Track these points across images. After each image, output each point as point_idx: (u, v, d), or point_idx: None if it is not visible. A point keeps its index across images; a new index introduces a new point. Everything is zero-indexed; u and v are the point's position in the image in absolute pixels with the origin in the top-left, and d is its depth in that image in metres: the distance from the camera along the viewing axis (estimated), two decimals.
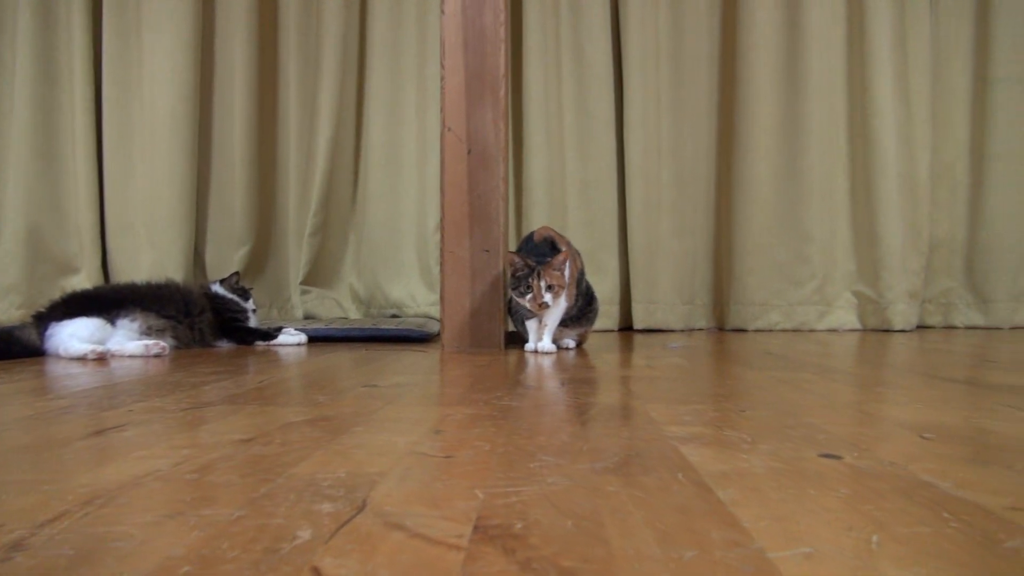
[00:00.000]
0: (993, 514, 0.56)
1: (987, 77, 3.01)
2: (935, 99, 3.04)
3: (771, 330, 2.99)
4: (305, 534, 0.52)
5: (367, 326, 2.56)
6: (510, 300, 2.16)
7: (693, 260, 3.09)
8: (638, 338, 2.65)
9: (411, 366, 1.68)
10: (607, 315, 3.04)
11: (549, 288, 1.93)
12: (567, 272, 2.00)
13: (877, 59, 2.94)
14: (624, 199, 3.05)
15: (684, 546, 0.50)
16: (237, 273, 2.45)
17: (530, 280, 1.92)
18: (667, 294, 3.02)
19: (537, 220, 2.99)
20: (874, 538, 0.51)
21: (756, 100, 2.99)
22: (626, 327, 3.09)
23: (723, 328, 3.08)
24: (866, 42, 2.96)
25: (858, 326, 3.02)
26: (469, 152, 2.17)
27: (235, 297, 2.35)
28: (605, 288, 3.03)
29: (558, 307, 2.01)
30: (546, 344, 2.01)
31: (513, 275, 1.98)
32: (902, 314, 2.91)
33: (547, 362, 1.76)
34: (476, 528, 0.54)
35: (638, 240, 3.00)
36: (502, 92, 2.18)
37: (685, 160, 3.07)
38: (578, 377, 1.46)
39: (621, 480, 0.67)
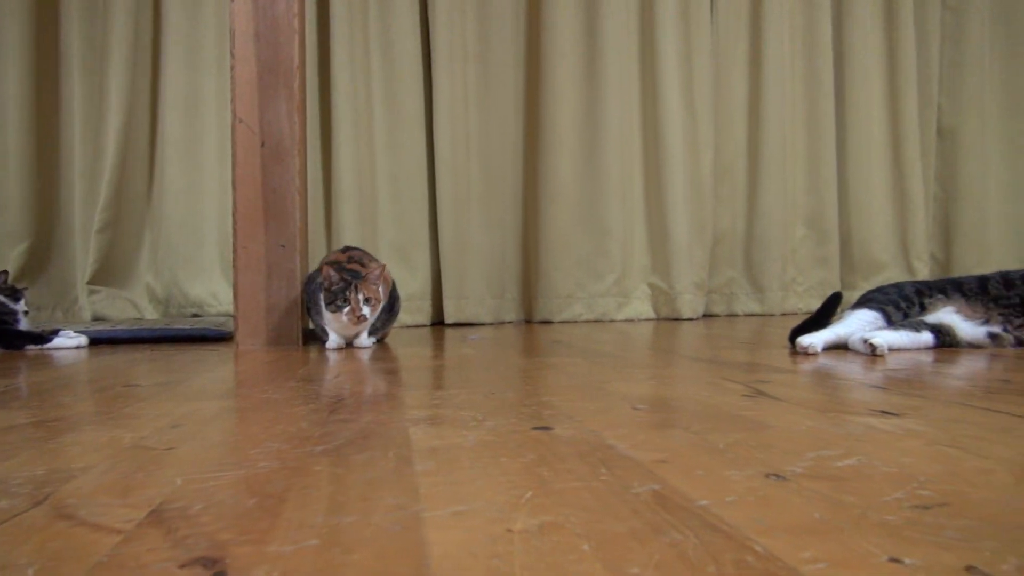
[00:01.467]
0: (642, 467, 0.64)
1: (760, 88, 3.33)
2: (717, 105, 3.33)
3: (575, 321, 3.15)
4: None
5: (159, 326, 2.43)
6: (308, 297, 2.14)
7: (502, 254, 3.19)
8: (444, 332, 2.70)
9: (191, 365, 1.62)
10: (419, 310, 3.07)
11: (367, 301, 1.93)
12: (382, 289, 2.02)
13: (665, 68, 3.17)
14: (434, 194, 3.10)
15: (350, 513, 0.53)
16: (5, 272, 2.24)
17: (347, 293, 1.91)
18: (477, 288, 3.10)
19: (347, 214, 2.96)
20: (528, 494, 0.57)
21: (559, 101, 3.13)
22: (438, 322, 3.13)
23: (531, 320, 3.21)
24: (656, 52, 3.19)
25: (653, 316, 3.25)
26: (263, 145, 2.12)
27: (1, 298, 2.15)
28: (416, 283, 3.06)
29: (374, 317, 2.02)
30: (364, 340, 2.03)
31: (328, 289, 1.94)
32: (690, 304, 3.17)
33: (337, 357, 1.76)
34: (152, 512, 0.54)
35: (448, 235, 3.06)
36: (297, 84, 2.15)
37: (493, 157, 3.16)
38: (359, 370, 1.48)
39: (332, 460, 0.69)
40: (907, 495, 0.54)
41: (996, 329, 1.56)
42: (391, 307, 2.19)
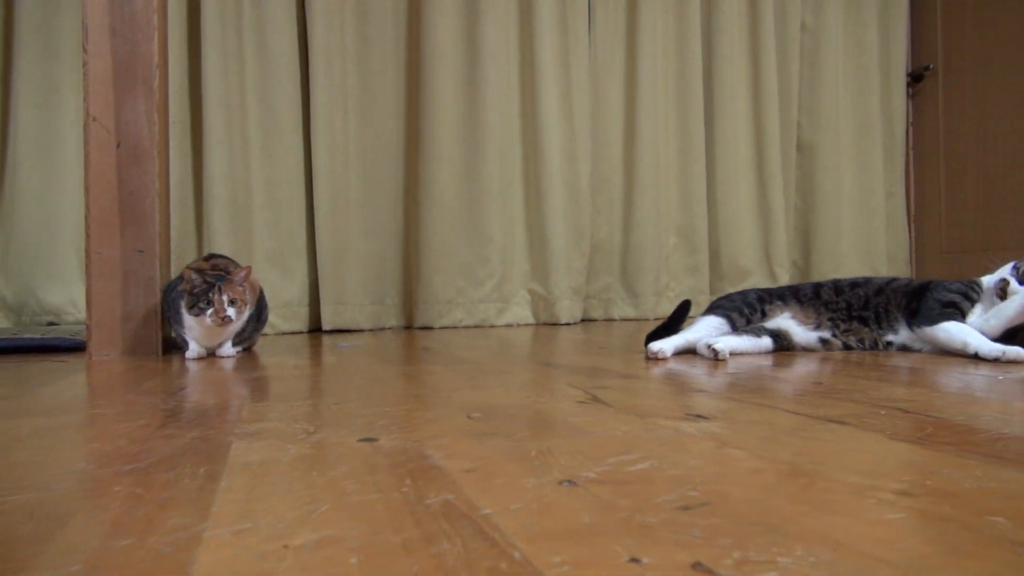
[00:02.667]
0: (447, 477, 0.66)
1: (635, 104, 3.46)
2: (595, 119, 3.43)
3: (456, 327, 3.17)
4: None
5: (5, 336, 2.28)
6: (168, 305, 2.06)
7: (383, 260, 3.17)
8: (321, 339, 2.66)
9: (32, 378, 1.53)
10: (295, 317, 3.01)
11: (232, 303, 1.88)
12: (248, 293, 1.97)
13: (544, 80, 3.25)
14: (312, 199, 3.04)
15: (128, 536, 0.52)
16: None
17: (210, 295, 1.85)
18: (356, 294, 3.07)
19: (219, 220, 2.87)
20: (322, 508, 0.57)
21: (440, 108, 3.14)
22: (315, 328, 3.08)
23: (412, 326, 3.20)
24: (536, 64, 3.26)
25: (532, 321, 3.31)
26: (119, 145, 2.03)
27: None
28: (293, 290, 3.00)
29: (240, 321, 1.97)
30: (227, 349, 1.98)
31: (190, 292, 1.87)
32: (567, 309, 3.25)
33: (195, 367, 1.71)
34: None
35: (326, 241, 3.01)
36: (157, 83, 2.06)
37: (374, 162, 3.14)
38: (210, 381, 1.43)
39: (135, 479, 0.68)
40: (678, 496, 0.58)
41: (826, 334, 1.69)
42: (259, 315, 2.14)
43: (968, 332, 1.49)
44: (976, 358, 1.45)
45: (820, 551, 0.46)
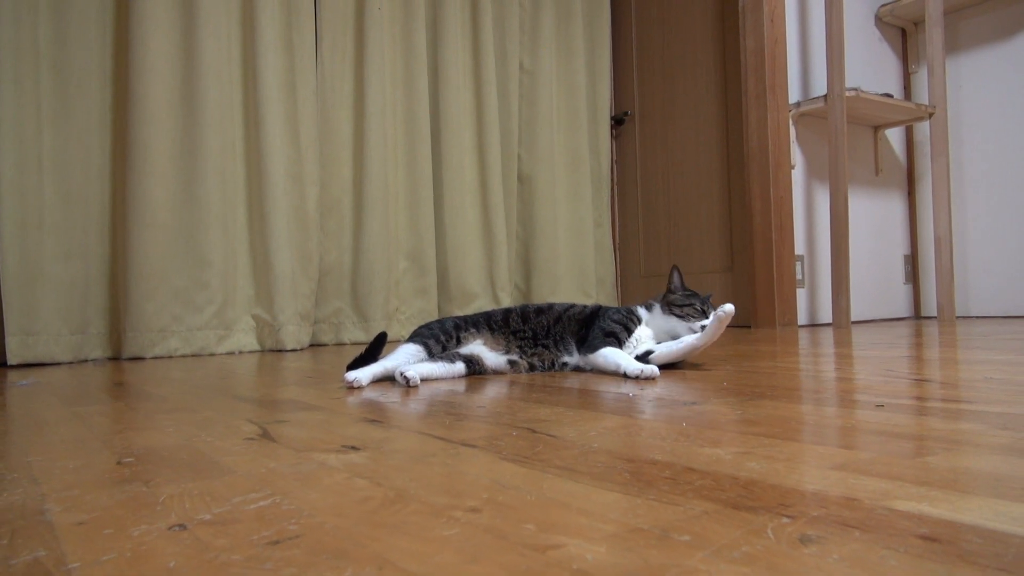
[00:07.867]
0: (52, 532, 0.65)
1: (364, 130, 3.53)
2: (322, 142, 3.45)
3: (171, 356, 2.99)
4: None
5: None
6: None
7: (85, 285, 2.91)
8: (5, 375, 2.38)
9: None
10: None
11: None
12: None
13: (269, 100, 3.20)
14: None
15: None
16: None
17: None
18: (52, 323, 2.78)
19: None
20: None
21: (153, 123, 2.97)
22: (1, 363, 2.74)
23: (119, 357, 2.97)
24: (259, 85, 3.20)
25: (257, 348, 3.22)
26: None
27: None
28: None
29: None
30: None
31: None
32: (293, 335, 3.22)
33: None
34: None
35: (13, 263, 2.70)
36: None
37: (74, 178, 2.88)
38: None
39: None
40: (275, 532, 0.64)
41: (514, 357, 1.86)
42: None
43: (620, 355, 1.73)
44: (626, 377, 1.69)
45: (366, 571, 0.54)
